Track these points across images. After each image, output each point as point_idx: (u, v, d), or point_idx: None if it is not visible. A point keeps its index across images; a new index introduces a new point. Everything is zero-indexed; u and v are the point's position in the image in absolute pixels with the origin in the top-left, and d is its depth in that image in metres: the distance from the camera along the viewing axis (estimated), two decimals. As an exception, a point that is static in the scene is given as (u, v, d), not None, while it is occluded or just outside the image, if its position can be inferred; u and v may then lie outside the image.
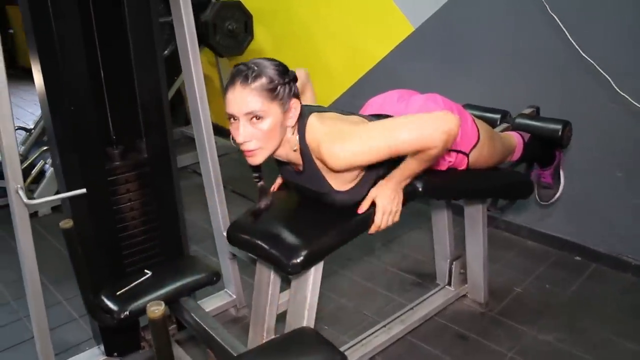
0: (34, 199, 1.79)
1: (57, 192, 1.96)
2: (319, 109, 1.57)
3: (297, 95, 1.47)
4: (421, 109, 1.74)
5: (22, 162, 3.39)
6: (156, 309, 1.14)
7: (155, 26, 1.86)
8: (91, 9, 1.75)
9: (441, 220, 2.43)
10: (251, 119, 1.40)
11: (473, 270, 2.42)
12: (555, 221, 2.92)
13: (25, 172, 3.36)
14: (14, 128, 1.73)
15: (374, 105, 1.88)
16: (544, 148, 2.34)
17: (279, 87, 1.40)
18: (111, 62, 1.85)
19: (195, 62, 2.07)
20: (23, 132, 3.79)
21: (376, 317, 2.40)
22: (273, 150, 1.48)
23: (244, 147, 1.44)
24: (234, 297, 2.46)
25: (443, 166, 1.81)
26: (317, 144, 1.45)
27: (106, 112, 1.89)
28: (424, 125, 1.42)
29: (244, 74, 1.39)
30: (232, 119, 1.42)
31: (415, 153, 1.46)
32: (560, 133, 2.22)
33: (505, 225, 3.13)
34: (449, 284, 2.49)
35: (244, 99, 1.38)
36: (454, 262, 2.45)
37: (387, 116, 1.72)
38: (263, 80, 1.38)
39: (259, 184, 1.67)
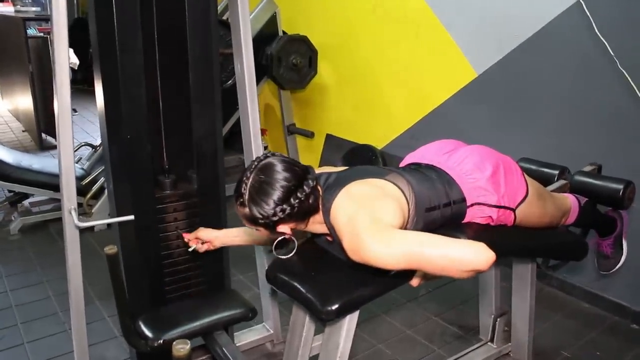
0: (88, 219, 1.86)
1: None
2: (350, 176, 1.56)
3: (296, 217, 1.48)
4: (463, 163, 1.71)
5: (85, 177, 3.55)
6: (182, 348, 1.16)
7: (215, 64, 1.92)
8: (156, 45, 1.83)
9: (488, 273, 2.34)
10: None
11: (518, 329, 2.32)
12: (614, 284, 2.76)
13: (87, 188, 3.51)
14: (73, 152, 1.82)
15: (416, 155, 1.86)
16: (603, 214, 2.24)
17: (260, 222, 1.46)
18: (171, 95, 1.91)
19: (251, 96, 2.12)
20: (89, 148, 3.95)
21: (412, 367, 2.34)
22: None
23: None
24: (272, 332, 2.45)
25: (482, 221, 1.74)
26: (340, 231, 1.45)
27: (162, 142, 1.95)
28: (454, 253, 1.32)
29: (238, 196, 1.47)
30: None
31: None
32: (621, 193, 2.12)
33: (559, 283, 2.98)
34: (492, 340, 2.39)
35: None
36: (499, 319, 2.35)
37: (429, 167, 1.72)
38: (246, 211, 1.46)
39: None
